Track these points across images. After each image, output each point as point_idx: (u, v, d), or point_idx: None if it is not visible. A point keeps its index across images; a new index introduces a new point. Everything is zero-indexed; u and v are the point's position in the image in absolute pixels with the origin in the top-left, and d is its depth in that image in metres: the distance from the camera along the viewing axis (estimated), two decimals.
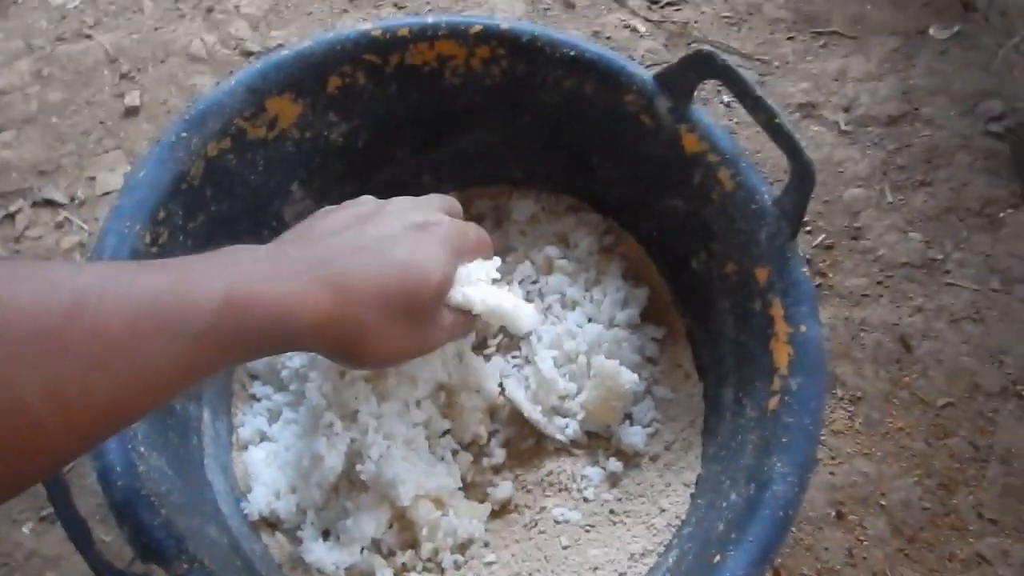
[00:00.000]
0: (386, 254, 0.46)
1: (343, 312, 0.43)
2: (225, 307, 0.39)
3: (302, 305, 0.42)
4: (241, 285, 0.40)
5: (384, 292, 0.45)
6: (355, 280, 0.44)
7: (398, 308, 0.46)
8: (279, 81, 0.62)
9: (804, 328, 0.53)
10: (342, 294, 0.44)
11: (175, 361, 0.37)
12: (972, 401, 0.74)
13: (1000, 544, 0.68)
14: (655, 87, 0.60)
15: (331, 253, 0.45)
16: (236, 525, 0.57)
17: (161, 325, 0.36)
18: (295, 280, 0.42)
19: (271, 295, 0.41)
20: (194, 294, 0.38)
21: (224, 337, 0.39)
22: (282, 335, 0.42)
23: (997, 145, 0.87)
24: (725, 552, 0.48)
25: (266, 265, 0.43)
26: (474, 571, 0.58)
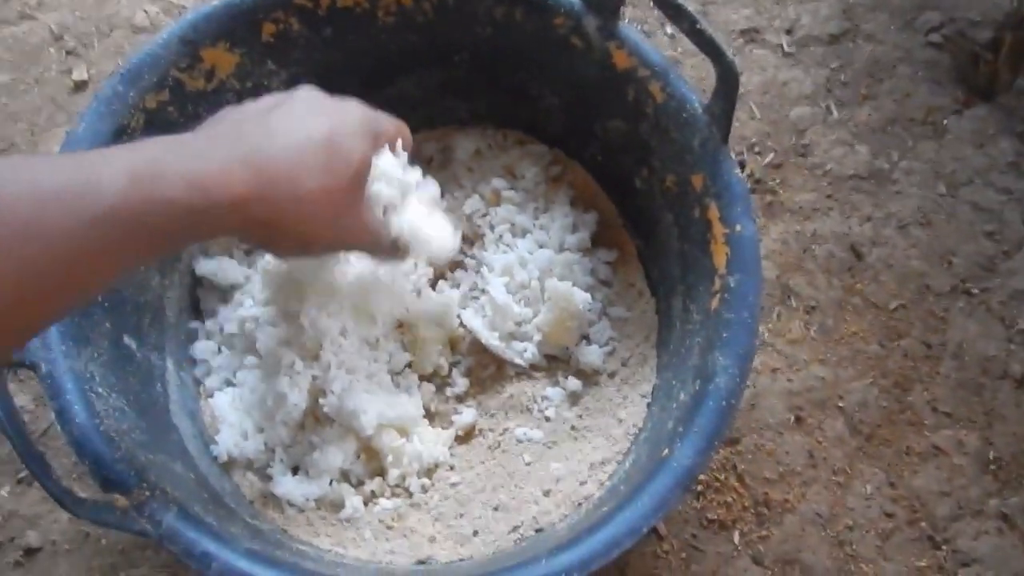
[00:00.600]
0: (305, 132, 0.45)
1: (263, 189, 0.42)
2: (130, 185, 0.38)
3: (218, 183, 0.41)
4: (147, 164, 0.39)
5: (305, 168, 0.44)
6: (275, 158, 0.43)
7: (319, 186, 0.45)
8: (212, 31, 0.62)
9: (739, 227, 0.54)
10: (262, 171, 0.42)
11: (84, 245, 0.37)
12: (923, 302, 0.75)
13: (955, 435, 0.70)
14: (582, 7, 0.61)
15: (247, 136, 0.44)
16: (204, 465, 0.58)
17: (64, 207, 0.36)
18: (209, 159, 0.41)
19: (185, 173, 0.40)
20: (97, 176, 0.37)
21: (133, 217, 0.38)
22: (200, 214, 0.40)
23: (937, 55, 0.89)
24: (673, 445, 0.49)
25: (178, 147, 0.42)
26: (440, 492, 0.59)
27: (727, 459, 0.68)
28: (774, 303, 0.75)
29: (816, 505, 0.67)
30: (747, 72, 0.87)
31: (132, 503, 0.47)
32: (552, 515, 0.56)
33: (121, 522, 0.47)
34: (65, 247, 0.36)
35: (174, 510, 0.47)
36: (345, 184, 0.46)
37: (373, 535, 0.57)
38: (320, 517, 0.58)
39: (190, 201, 0.39)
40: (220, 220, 0.42)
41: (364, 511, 0.58)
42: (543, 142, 0.72)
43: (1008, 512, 0.68)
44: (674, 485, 0.47)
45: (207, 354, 0.65)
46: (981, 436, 0.70)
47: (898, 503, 0.67)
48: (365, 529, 0.57)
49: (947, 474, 0.69)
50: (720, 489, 0.67)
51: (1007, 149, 0.84)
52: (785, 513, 0.66)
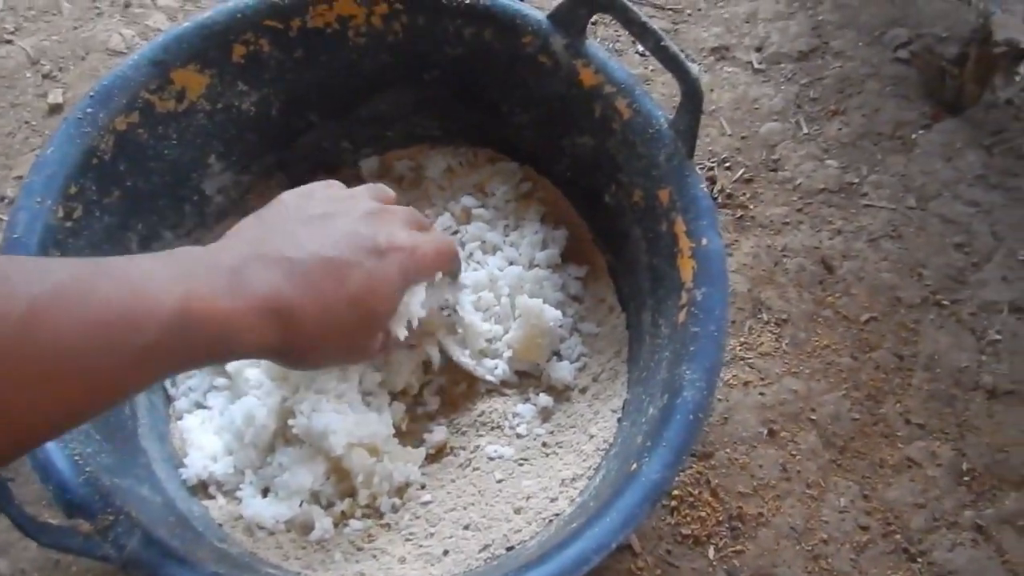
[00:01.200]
0: (339, 283, 0.46)
1: (287, 341, 0.44)
2: (177, 324, 0.39)
3: (250, 331, 0.42)
4: (195, 302, 0.40)
5: (331, 325, 0.46)
6: (304, 315, 0.44)
7: (342, 338, 0.47)
8: (182, 53, 0.62)
9: (705, 241, 0.55)
10: (290, 327, 0.44)
11: (124, 372, 0.38)
12: (894, 314, 0.76)
13: (928, 447, 0.70)
14: (549, 26, 0.61)
15: (284, 275, 0.45)
16: (173, 488, 0.58)
17: (113, 340, 0.37)
18: (246, 302, 0.42)
19: (221, 317, 0.41)
20: (148, 309, 0.38)
21: (173, 351, 0.39)
22: (227, 352, 0.43)
23: (905, 70, 0.90)
24: (641, 460, 0.49)
25: (223, 281, 0.42)
26: (411, 512, 0.59)
27: (701, 474, 0.68)
28: (746, 317, 0.75)
29: (791, 519, 0.67)
30: (718, 89, 0.88)
31: (96, 528, 0.46)
32: (523, 533, 0.56)
33: (84, 548, 0.46)
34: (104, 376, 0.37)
35: (138, 535, 0.47)
36: (365, 339, 0.50)
37: (343, 557, 0.56)
38: (290, 539, 0.57)
39: (220, 346, 0.42)
40: (241, 356, 0.45)
41: (334, 532, 0.58)
42: (514, 159, 0.73)
43: (983, 523, 0.68)
44: (642, 500, 0.47)
45: (177, 377, 0.65)
46: (954, 447, 0.71)
47: (872, 516, 0.68)
48: (335, 551, 0.57)
49: (921, 486, 0.69)
50: (694, 504, 0.67)
51: (975, 162, 0.85)
52: (760, 527, 0.66)
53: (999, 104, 0.89)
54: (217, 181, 0.69)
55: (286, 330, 0.44)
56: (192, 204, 0.68)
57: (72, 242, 0.57)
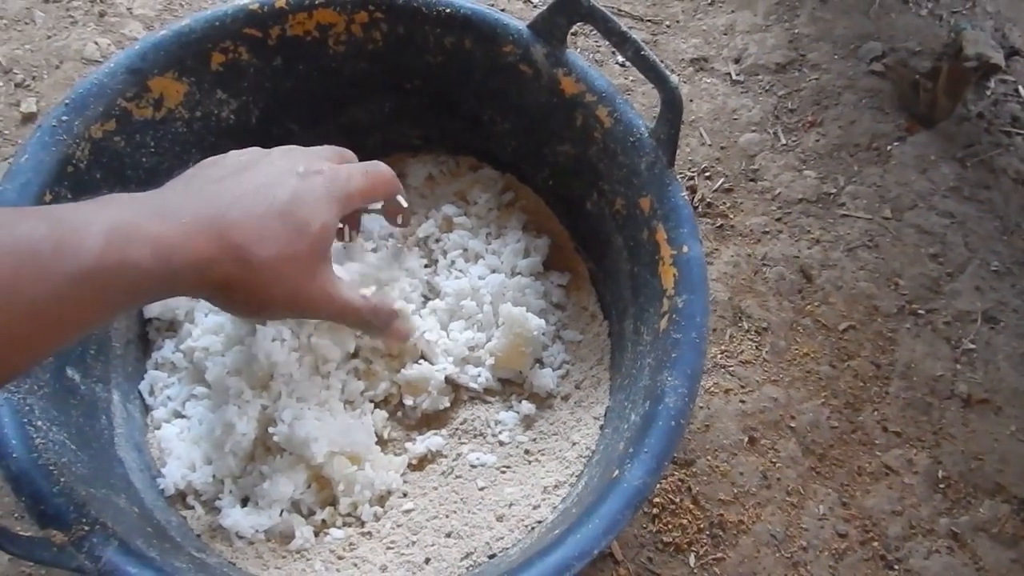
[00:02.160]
0: (267, 199, 0.47)
1: (224, 253, 0.44)
2: (105, 247, 0.39)
3: (183, 246, 0.42)
4: (122, 227, 0.40)
5: (263, 235, 0.46)
6: (236, 224, 0.45)
7: (275, 254, 0.46)
8: (160, 60, 0.62)
9: (686, 248, 0.55)
10: (223, 236, 0.44)
11: (62, 302, 0.38)
12: (872, 323, 0.77)
13: (905, 454, 0.71)
14: (530, 36, 0.62)
15: (213, 199, 0.46)
16: (150, 498, 0.57)
17: (43, 268, 0.37)
18: (176, 222, 0.43)
19: (152, 236, 0.41)
20: (74, 237, 0.39)
21: (107, 277, 0.39)
22: (165, 276, 0.42)
23: (880, 83, 0.91)
24: (623, 467, 0.49)
25: (148, 209, 0.43)
26: (393, 520, 0.58)
27: (682, 481, 0.68)
28: (726, 325, 0.75)
29: (770, 526, 0.67)
30: (697, 100, 0.89)
31: (70, 539, 0.45)
32: (505, 540, 0.55)
33: (58, 559, 0.45)
34: (39, 303, 0.37)
35: (114, 545, 0.46)
36: (303, 253, 0.48)
37: (323, 566, 0.56)
38: (270, 549, 0.57)
39: (156, 265, 0.41)
40: (182, 281, 0.43)
41: (315, 541, 0.57)
42: (496, 167, 0.73)
43: (958, 531, 0.68)
44: (624, 506, 0.47)
45: (155, 386, 0.64)
46: (930, 455, 0.71)
47: (851, 523, 0.68)
48: (315, 560, 0.56)
49: (898, 493, 0.69)
50: (675, 512, 0.67)
51: (948, 174, 0.86)
52: (740, 535, 0.66)
53: (971, 118, 0.91)
54: None
55: (219, 237, 0.44)
56: None
57: None
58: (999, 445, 0.72)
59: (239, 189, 0.47)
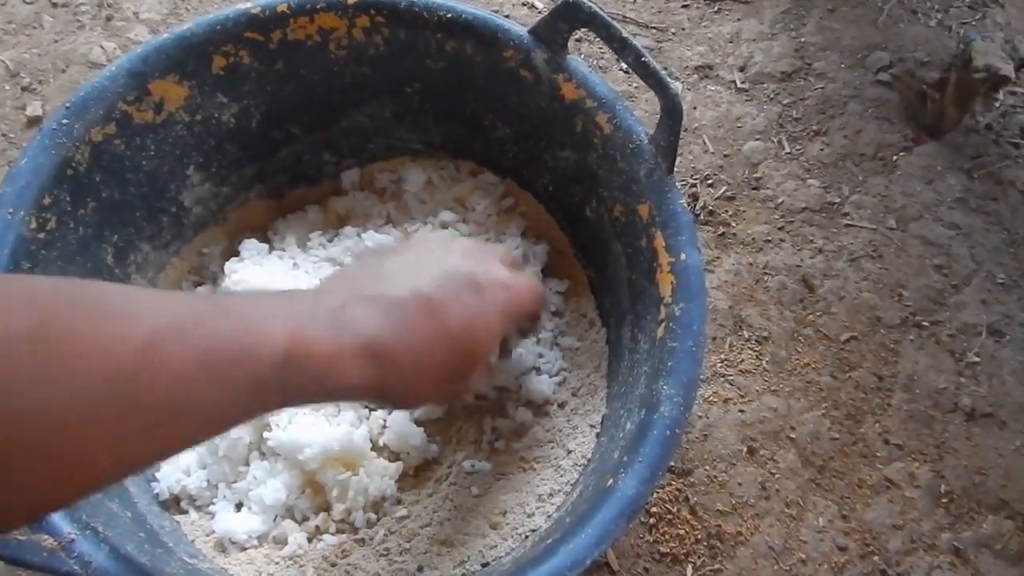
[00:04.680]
0: (437, 322, 0.45)
1: (386, 382, 0.43)
2: (284, 361, 0.38)
3: (348, 372, 0.41)
4: (300, 342, 0.39)
5: (427, 365, 0.44)
6: (402, 355, 0.43)
7: (439, 376, 0.45)
8: (161, 64, 0.62)
9: (684, 256, 0.54)
10: (389, 367, 0.43)
11: (230, 407, 0.37)
12: (874, 334, 0.76)
13: (906, 467, 0.70)
14: (531, 41, 0.61)
15: (382, 313, 0.44)
16: (143, 503, 0.57)
17: (224, 375, 0.36)
18: (348, 340, 0.41)
19: (323, 357, 0.40)
20: (255, 345, 0.37)
21: (276, 389, 0.39)
22: (325, 392, 0.42)
23: (886, 93, 0.91)
24: (617, 476, 0.49)
25: (323, 320, 0.42)
26: (386, 527, 0.58)
27: (680, 491, 0.67)
28: (726, 333, 0.75)
29: (769, 538, 0.66)
30: (701, 107, 0.89)
31: (60, 543, 0.45)
32: (498, 548, 0.55)
33: (47, 563, 0.45)
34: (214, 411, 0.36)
35: (105, 550, 0.46)
36: (461, 379, 0.47)
37: (316, 572, 0.55)
38: (263, 555, 0.56)
39: (323, 383, 0.40)
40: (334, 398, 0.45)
41: (308, 548, 0.57)
42: (496, 172, 0.73)
43: (960, 546, 0.68)
44: (618, 516, 0.47)
45: None
46: (932, 469, 0.70)
47: (851, 536, 0.67)
48: (308, 567, 0.56)
49: (899, 507, 0.69)
50: (673, 522, 0.66)
51: (955, 186, 0.85)
52: (738, 546, 0.66)
53: (979, 129, 0.90)
54: (195, 193, 0.69)
55: (383, 371, 0.42)
56: (170, 216, 0.67)
57: (45, 254, 0.56)
58: (1003, 460, 0.71)
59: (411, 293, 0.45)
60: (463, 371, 0.47)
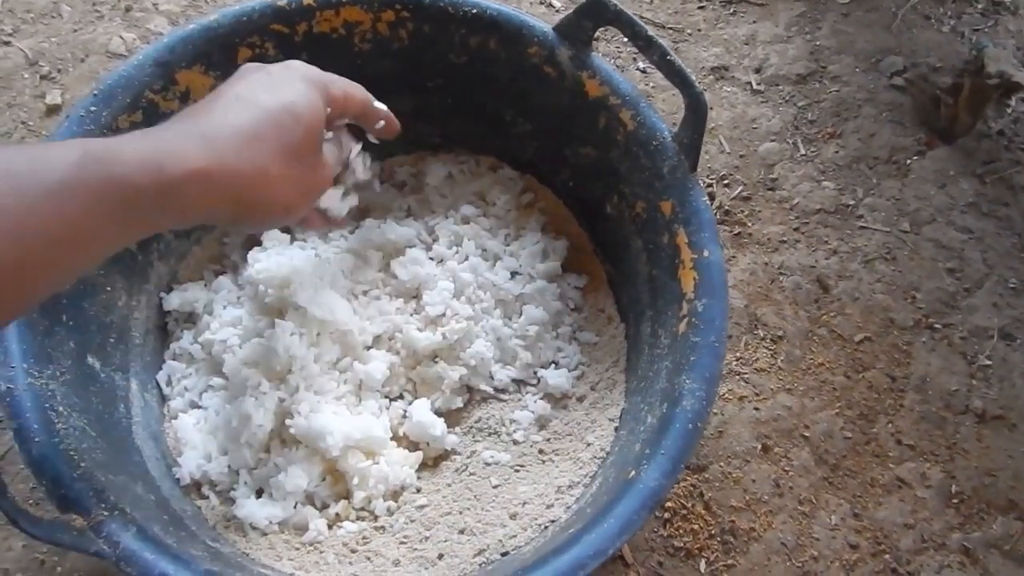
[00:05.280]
0: (248, 102, 0.45)
1: (219, 159, 0.42)
2: (82, 160, 0.37)
3: (172, 158, 0.40)
4: (100, 144, 0.39)
5: (254, 134, 0.44)
6: (224, 129, 0.43)
7: (274, 148, 0.44)
8: (187, 54, 0.62)
9: (707, 253, 0.55)
10: (213, 144, 0.42)
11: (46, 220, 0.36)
12: (887, 335, 0.77)
13: (918, 468, 0.71)
14: (555, 38, 0.62)
15: (200, 113, 0.44)
16: (166, 487, 0.57)
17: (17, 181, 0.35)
18: (161, 137, 0.41)
19: (134, 149, 0.39)
20: (45, 153, 0.37)
21: (88, 193, 0.37)
22: (160, 191, 0.39)
23: (900, 97, 0.91)
24: (640, 467, 0.49)
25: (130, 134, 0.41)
26: (406, 515, 0.58)
27: (694, 486, 0.68)
28: (742, 332, 0.75)
29: (782, 534, 0.67)
30: (717, 108, 0.89)
31: (90, 523, 0.46)
32: (518, 538, 0.56)
33: (77, 543, 0.46)
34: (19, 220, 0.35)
35: (132, 531, 0.46)
36: (301, 142, 0.46)
37: (336, 559, 0.56)
38: (283, 540, 0.57)
39: (146, 177, 0.39)
40: (183, 196, 0.40)
41: (328, 534, 0.57)
42: (516, 168, 0.73)
43: (970, 546, 0.68)
44: (640, 507, 0.47)
45: (173, 376, 0.64)
46: (943, 469, 0.71)
47: (862, 534, 0.68)
48: (328, 553, 0.56)
49: (911, 506, 0.69)
50: (687, 517, 0.66)
51: (967, 190, 0.86)
52: (751, 542, 0.66)
53: (991, 134, 0.90)
54: None
55: (208, 145, 0.41)
56: None
57: None
58: (1013, 462, 0.72)
59: (218, 102, 0.45)
60: (300, 136, 0.46)
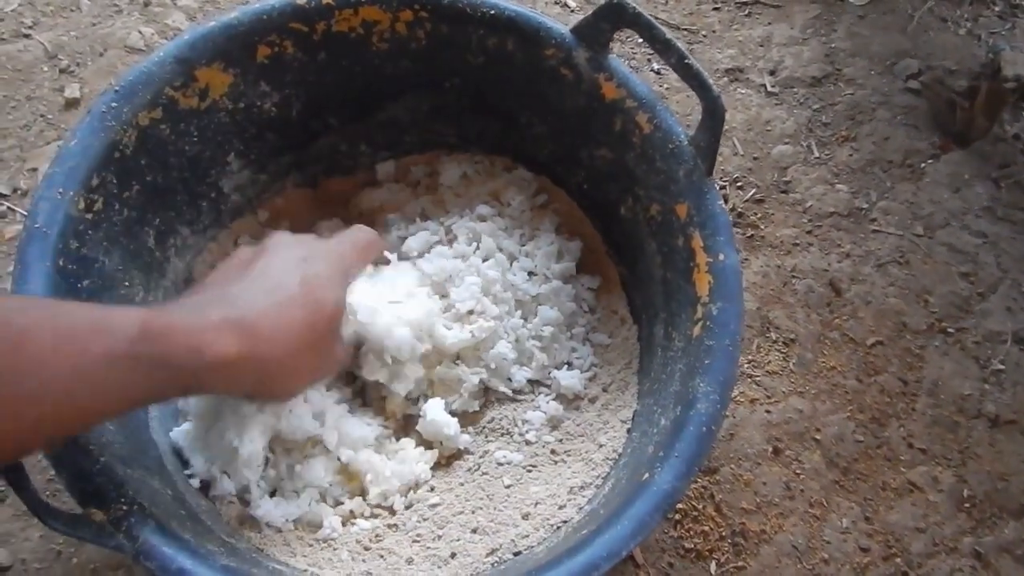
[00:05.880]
0: (283, 290, 0.49)
1: (251, 352, 0.45)
2: (141, 334, 0.41)
3: (212, 343, 0.44)
4: (157, 316, 0.43)
5: (287, 325, 0.48)
6: (259, 320, 0.46)
7: (302, 338, 0.48)
8: (207, 51, 0.63)
9: (722, 256, 0.55)
10: (249, 335, 0.46)
11: (93, 380, 0.40)
12: (900, 339, 0.77)
13: (930, 472, 0.71)
14: (573, 40, 0.62)
15: (233, 298, 0.47)
16: (182, 483, 0.58)
17: (79, 345, 0.40)
18: (205, 318, 0.45)
19: (184, 327, 0.43)
20: (110, 321, 0.41)
21: (143, 363, 0.41)
22: (196, 371, 0.44)
23: (915, 100, 0.91)
24: (653, 470, 0.49)
25: (177, 306, 0.47)
26: (419, 514, 0.59)
27: (705, 488, 0.68)
28: (754, 335, 0.76)
29: (793, 537, 0.67)
30: (731, 110, 0.89)
31: (109, 517, 0.46)
32: (530, 538, 0.56)
33: (97, 536, 0.46)
34: (79, 385, 0.40)
35: (151, 525, 0.47)
36: (323, 333, 0.51)
37: (350, 556, 0.56)
38: (297, 537, 0.57)
39: (187, 359, 0.43)
40: (212, 378, 0.45)
41: (342, 531, 0.58)
42: (530, 169, 0.73)
43: (982, 551, 0.68)
44: (654, 509, 0.47)
45: None
46: (955, 474, 0.71)
47: (873, 538, 0.68)
48: (342, 550, 0.57)
49: (922, 510, 0.69)
50: (698, 518, 0.67)
51: (982, 194, 0.86)
52: (762, 544, 0.67)
53: (1007, 139, 0.90)
54: (235, 179, 0.70)
55: (244, 336, 0.45)
56: (209, 201, 0.68)
57: (91, 234, 0.57)
58: None
59: (253, 287, 0.49)
60: (323, 326, 0.50)
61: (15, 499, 0.66)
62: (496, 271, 0.65)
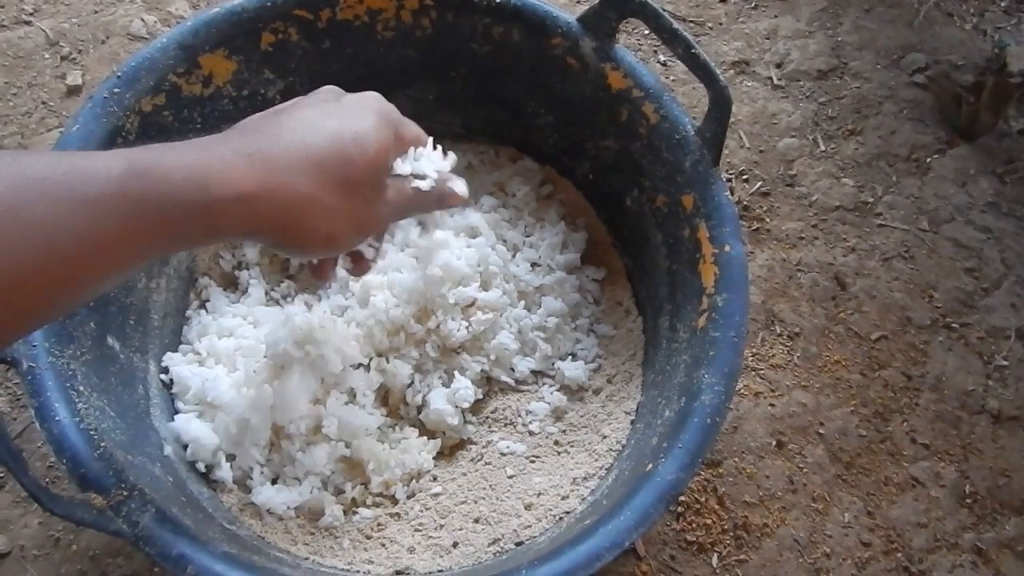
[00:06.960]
0: (314, 126, 0.42)
1: (270, 182, 0.39)
2: (125, 172, 0.35)
3: (220, 173, 0.37)
4: (144, 155, 0.36)
5: (315, 160, 0.41)
6: (279, 151, 0.40)
7: (334, 178, 0.41)
8: (211, 38, 0.62)
9: (728, 248, 0.55)
10: (268, 165, 0.39)
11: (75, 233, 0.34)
12: (904, 334, 0.76)
13: (933, 467, 0.71)
14: (579, 29, 0.62)
15: (254, 131, 0.41)
16: (183, 469, 0.57)
17: (49, 194, 0.33)
18: (210, 153, 0.38)
19: (180, 164, 0.37)
20: (86, 164, 0.35)
21: (128, 206, 0.35)
22: (203, 209, 0.37)
23: (922, 95, 0.91)
24: (657, 460, 0.49)
25: (179, 145, 0.39)
26: (421, 503, 0.59)
27: (708, 481, 0.68)
28: (758, 328, 0.75)
29: (794, 531, 0.67)
30: (737, 102, 0.89)
31: (109, 503, 0.46)
32: (533, 528, 0.56)
33: (97, 521, 0.46)
34: (54, 235, 0.33)
35: (151, 511, 0.47)
36: (362, 176, 0.43)
37: (351, 544, 0.56)
38: (298, 525, 0.57)
39: (189, 194, 0.36)
40: (226, 218, 0.38)
41: (343, 520, 0.58)
42: (536, 159, 0.73)
43: (983, 546, 0.68)
44: (657, 500, 0.47)
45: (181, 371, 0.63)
46: (958, 469, 0.71)
47: (875, 532, 0.68)
48: (344, 538, 0.56)
49: (924, 506, 0.69)
50: (700, 511, 0.67)
51: (987, 189, 0.85)
52: (764, 538, 0.66)
53: (1012, 133, 0.90)
54: None
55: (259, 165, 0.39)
56: None
57: None
58: None
59: (281, 123, 0.42)
60: (362, 170, 0.42)
61: (14, 486, 0.66)
62: (495, 264, 0.65)
